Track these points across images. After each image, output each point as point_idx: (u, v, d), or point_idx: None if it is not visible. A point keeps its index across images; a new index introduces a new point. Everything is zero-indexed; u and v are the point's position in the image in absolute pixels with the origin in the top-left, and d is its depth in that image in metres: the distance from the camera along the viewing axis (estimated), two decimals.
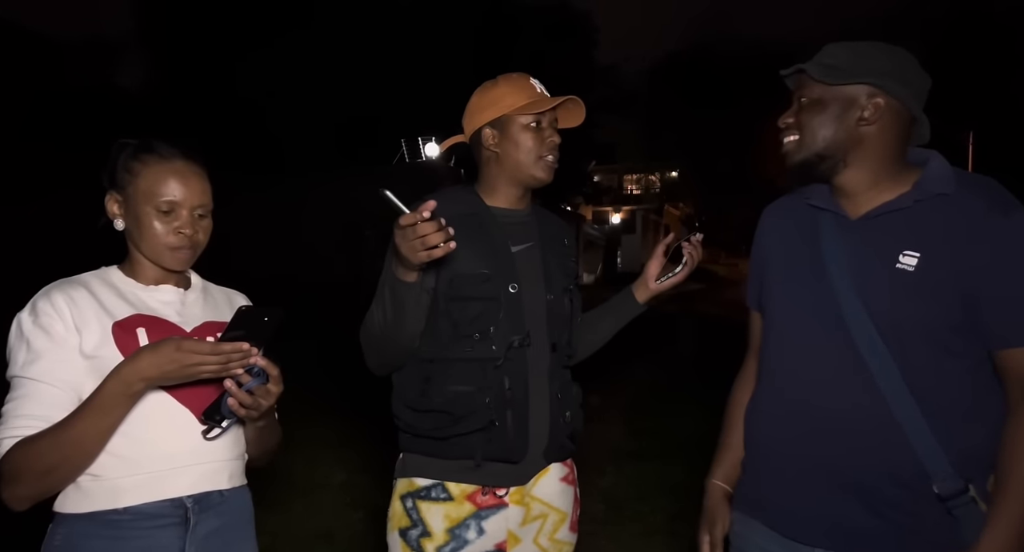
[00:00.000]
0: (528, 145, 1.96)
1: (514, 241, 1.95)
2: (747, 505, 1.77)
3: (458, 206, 1.92)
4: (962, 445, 1.52)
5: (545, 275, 1.98)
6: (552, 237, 2.06)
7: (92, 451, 1.47)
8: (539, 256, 1.99)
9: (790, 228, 1.77)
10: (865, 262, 1.59)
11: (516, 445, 1.87)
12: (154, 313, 1.61)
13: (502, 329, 1.87)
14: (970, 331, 1.52)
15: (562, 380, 1.98)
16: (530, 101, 1.96)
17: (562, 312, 1.99)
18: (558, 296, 1.98)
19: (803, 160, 1.63)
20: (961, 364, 1.54)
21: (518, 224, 2.00)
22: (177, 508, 1.55)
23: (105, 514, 1.50)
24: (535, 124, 1.96)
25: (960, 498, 1.51)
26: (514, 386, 1.87)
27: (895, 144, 1.61)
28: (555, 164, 1.99)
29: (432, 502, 1.89)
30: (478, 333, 1.86)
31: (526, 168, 1.96)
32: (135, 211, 1.60)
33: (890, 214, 1.58)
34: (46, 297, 1.54)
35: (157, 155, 1.60)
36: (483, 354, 1.86)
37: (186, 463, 1.56)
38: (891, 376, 1.53)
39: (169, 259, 1.62)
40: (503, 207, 2.00)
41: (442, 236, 1.55)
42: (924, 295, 1.52)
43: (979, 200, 1.52)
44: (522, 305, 1.90)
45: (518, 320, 1.89)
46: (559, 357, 1.97)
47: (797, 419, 1.64)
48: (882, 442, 1.54)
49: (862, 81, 1.57)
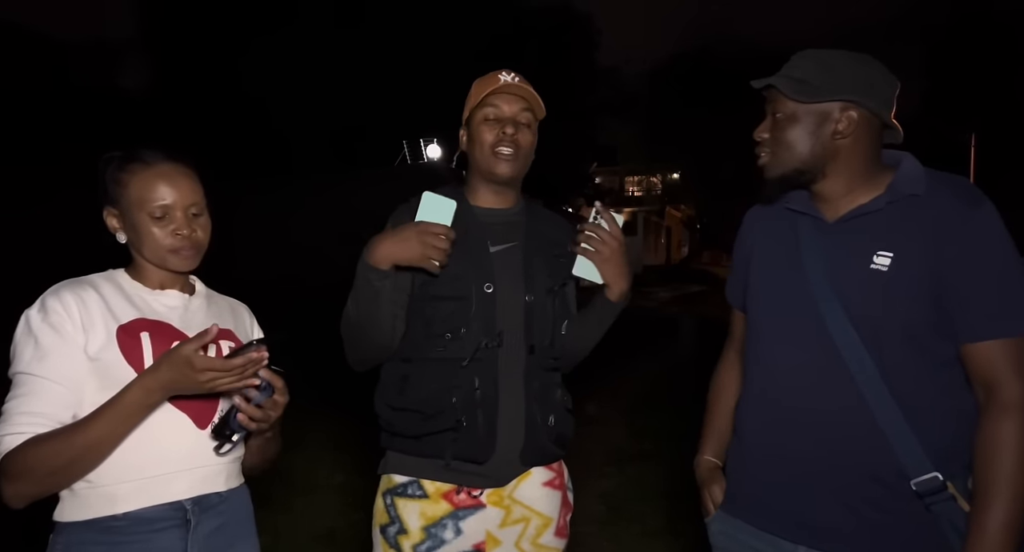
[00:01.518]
0: (481, 138, 1.94)
1: (494, 241, 1.93)
2: (731, 503, 1.81)
3: None
4: (940, 443, 1.55)
5: (526, 275, 1.94)
6: (542, 237, 2.01)
7: (104, 455, 1.48)
8: (520, 256, 1.96)
9: (771, 230, 1.82)
10: (842, 264, 1.63)
11: (483, 445, 1.87)
12: (158, 317, 1.62)
13: (473, 330, 1.86)
14: (944, 328, 1.55)
15: (542, 382, 1.95)
16: (484, 94, 1.93)
17: (544, 313, 1.95)
18: (540, 297, 1.94)
19: (780, 175, 1.68)
20: (938, 362, 1.58)
21: (501, 224, 1.98)
22: (176, 511, 1.55)
23: (103, 521, 1.50)
24: (492, 118, 1.93)
25: (938, 495, 1.54)
26: (483, 387, 1.86)
27: (869, 152, 1.65)
28: (511, 157, 1.92)
29: (408, 499, 1.91)
30: (449, 333, 1.86)
31: (483, 163, 1.94)
32: (132, 221, 1.62)
33: (865, 216, 1.63)
34: (56, 295, 1.54)
35: (142, 163, 1.62)
36: (454, 354, 1.86)
37: (183, 467, 1.57)
38: (869, 375, 1.57)
39: (173, 261, 1.63)
40: (486, 207, 1.99)
41: (446, 255, 1.74)
42: (898, 294, 1.56)
43: (948, 199, 1.56)
44: (495, 305, 1.88)
45: (490, 321, 1.87)
46: (539, 359, 1.93)
47: (778, 419, 1.68)
48: (861, 440, 1.58)
49: (834, 99, 1.60)
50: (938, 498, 1.54)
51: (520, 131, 1.93)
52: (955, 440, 1.56)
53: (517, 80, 1.95)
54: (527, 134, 1.95)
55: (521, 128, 1.94)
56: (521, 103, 1.94)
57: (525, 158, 1.97)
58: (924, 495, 1.54)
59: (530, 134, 1.96)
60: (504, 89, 1.92)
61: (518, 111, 1.93)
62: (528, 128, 1.96)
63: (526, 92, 1.93)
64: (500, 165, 1.92)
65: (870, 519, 1.58)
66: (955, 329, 1.55)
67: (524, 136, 1.94)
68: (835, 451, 1.60)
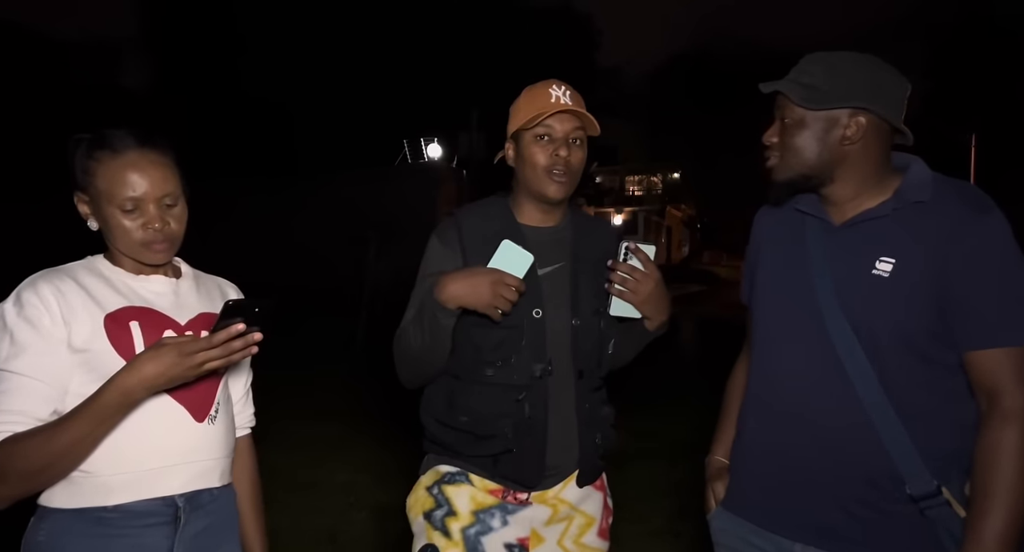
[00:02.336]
0: (534, 159, 1.87)
1: (542, 262, 1.87)
2: (732, 500, 1.83)
3: (490, 223, 1.91)
4: (936, 448, 1.55)
5: (573, 298, 1.90)
6: (588, 254, 1.95)
7: (83, 456, 1.42)
8: (568, 277, 1.91)
9: (779, 231, 1.82)
10: (845, 267, 1.63)
11: (532, 472, 1.86)
12: (147, 304, 1.56)
13: (524, 357, 1.84)
14: (944, 336, 1.55)
15: (591, 403, 1.94)
16: (536, 113, 1.86)
17: (590, 337, 1.91)
18: (587, 320, 1.90)
19: (788, 180, 1.68)
20: (937, 369, 1.57)
21: (548, 242, 1.93)
22: (168, 506, 1.52)
23: (94, 511, 1.46)
24: (543, 137, 1.87)
25: (933, 499, 1.54)
26: (534, 415, 1.85)
27: (878, 157, 1.64)
28: (564, 179, 1.87)
29: (458, 486, 1.90)
30: (500, 360, 1.83)
31: (534, 184, 1.88)
32: (101, 212, 1.53)
33: (870, 221, 1.62)
34: (32, 288, 1.47)
35: (110, 150, 1.51)
36: (505, 380, 1.84)
37: (180, 461, 1.53)
38: (867, 379, 1.57)
39: (145, 255, 1.55)
40: (532, 225, 1.94)
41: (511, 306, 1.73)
42: (899, 300, 1.55)
43: (953, 206, 1.55)
44: (545, 331, 1.85)
45: (540, 348, 1.85)
46: (587, 383, 1.92)
47: (779, 419, 1.69)
48: (857, 443, 1.59)
49: (843, 106, 1.59)
50: (933, 503, 1.54)
51: (573, 152, 1.88)
52: (954, 446, 1.56)
53: (570, 96, 1.88)
54: (579, 153, 1.90)
55: (574, 149, 1.89)
56: (575, 122, 1.88)
57: (576, 177, 1.91)
58: (919, 499, 1.54)
59: (582, 153, 1.91)
60: (558, 108, 1.85)
61: (571, 130, 1.87)
62: (580, 147, 1.90)
63: (580, 111, 1.87)
64: (553, 187, 1.86)
65: (866, 520, 1.59)
66: (957, 337, 1.54)
67: (576, 156, 1.89)
68: (832, 453, 1.60)
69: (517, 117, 1.90)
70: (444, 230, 1.93)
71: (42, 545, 1.46)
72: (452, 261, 1.88)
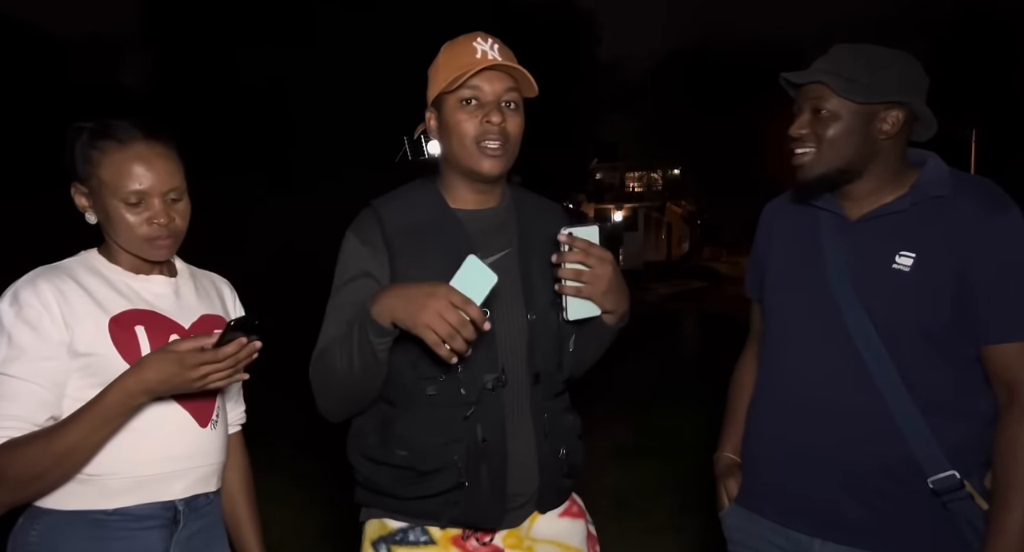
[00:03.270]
0: (460, 129, 1.55)
1: (484, 251, 1.54)
2: (746, 497, 1.81)
3: (417, 211, 1.62)
4: (957, 441, 1.55)
5: (526, 289, 1.60)
6: (538, 236, 1.65)
7: (83, 461, 1.39)
8: (517, 265, 1.61)
9: (791, 226, 1.80)
10: (863, 262, 1.62)
11: (490, 508, 1.56)
12: (150, 307, 1.52)
13: (471, 367, 1.52)
14: (964, 329, 1.55)
15: (551, 413, 1.63)
16: (459, 72, 1.53)
17: (548, 333, 1.62)
18: (542, 314, 1.61)
19: (821, 175, 1.63)
20: (956, 362, 1.57)
21: (490, 228, 1.63)
22: (167, 510, 1.50)
23: (92, 513, 1.43)
24: (469, 102, 1.55)
25: (956, 493, 1.53)
26: (489, 436, 1.54)
27: (902, 152, 1.64)
28: (499, 151, 1.55)
29: (411, 547, 1.59)
30: (442, 374, 1.52)
31: (463, 159, 1.57)
32: (103, 204, 1.47)
33: (888, 216, 1.61)
34: (31, 288, 1.41)
35: (115, 141, 1.45)
36: (449, 398, 1.54)
37: (184, 467, 1.51)
38: (887, 373, 1.56)
39: (149, 251, 1.50)
40: (468, 208, 1.63)
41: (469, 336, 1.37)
42: (919, 295, 1.55)
43: (973, 201, 1.55)
44: (495, 334, 1.53)
45: (491, 353, 1.55)
46: (545, 387, 1.62)
47: (795, 414, 1.68)
48: (878, 437, 1.58)
49: (886, 100, 1.57)
50: (955, 496, 1.53)
51: (508, 117, 1.56)
52: (973, 438, 1.56)
53: (498, 50, 1.56)
54: (516, 119, 1.58)
55: (509, 114, 1.57)
56: (507, 81, 1.56)
57: (514, 148, 1.60)
58: (941, 493, 1.54)
59: (519, 118, 1.59)
60: (485, 64, 1.53)
61: (503, 91, 1.55)
62: (516, 111, 1.59)
63: (512, 67, 1.55)
64: (486, 162, 1.56)
65: (887, 514, 1.58)
66: (976, 331, 1.54)
67: (513, 122, 1.57)
68: (852, 447, 1.60)
69: (437, 79, 1.59)
70: (361, 224, 1.62)
71: (33, 546, 1.43)
72: (375, 260, 1.57)
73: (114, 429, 1.39)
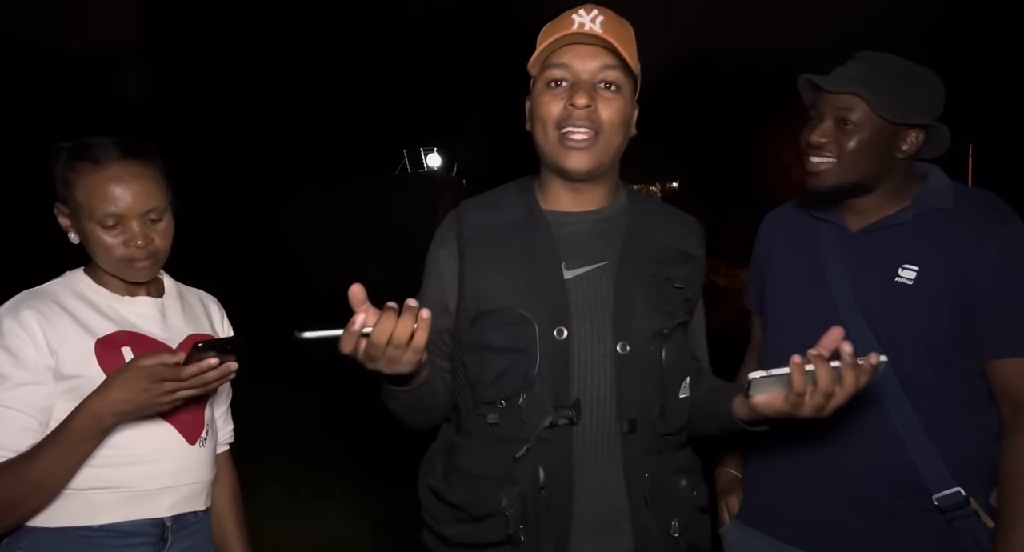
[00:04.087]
0: (542, 112, 1.35)
1: (571, 261, 1.36)
2: (747, 513, 1.79)
3: (501, 212, 1.43)
4: (962, 457, 1.53)
5: (618, 314, 1.34)
6: (648, 249, 1.41)
7: (57, 487, 1.36)
8: (612, 282, 1.36)
9: (790, 237, 1.79)
10: (865, 274, 1.60)
11: None
12: (137, 329, 1.50)
13: (535, 396, 1.31)
14: (967, 344, 1.53)
15: (655, 472, 1.35)
16: (547, 43, 1.34)
17: (647, 371, 1.35)
18: (641, 346, 1.34)
19: (836, 186, 1.60)
20: (961, 377, 1.55)
21: (584, 234, 1.40)
22: (155, 527, 1.48)
23: (78, 530, 1.41)
24: (558, 83, 1.34)
25: (961, 510, 1.52)
26: (552, 482, 1.30)
27: (911, 168, 1.63)
28: (585, 142, 1.33)
29: None
30: (503, 400, 1.32)
31: (547, 150, 1.37)
32: (81, 226, 1.45)
33: (891, 228, 1.60)
34: (13, 315, 1.39)
35: (91, 161, 1.42)
36: (510, 430, 1.32)
37: (171, 484, 1.50)
38: (891, 388, 1.55)
39: (128, 272, 1.48)
40: (561, 210, 1.42)
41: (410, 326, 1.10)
42: (922, 308, 1.53)
43: (977, 215, 1.54)
44: (571, 360, 1.32)
45: (561, 383, 1.31)
46: (644, 439, 1.35)
47: (799, 432, 1.63)
48: (882, 453, 1.56)
49: (916, 122, 1.56)
50: (960, 513, 1.52)
51: (601, 100, 1.33)
52: (978, 455, 1.54)
53: (601, 22, 1.32)
54: (614, 103, 1.34)
55: (604, 96, 1.33)
56: (606, 57, 1.32)
57: (611, 140, 1.35)
58: (946, 510, 1.52)
59: (618, 102, 1.34)
60: (576, 38, 1.31)
61: (598, 69, 1.32)
62: (616, 94, 1.34)
63: (610, 40, 1.30)
64: (570, 156, 1.33)
65: (891, 531, 1.57)
66: (980, 345, 1.53)
67: (608, 107, 1.33)
68: (856, 463, 1.58)
69: (533, 60, 1.39)
70: (443, 225, 1.49)
71: None
72: (446, 263, 1.43)
73: (86, 453, 1.37)
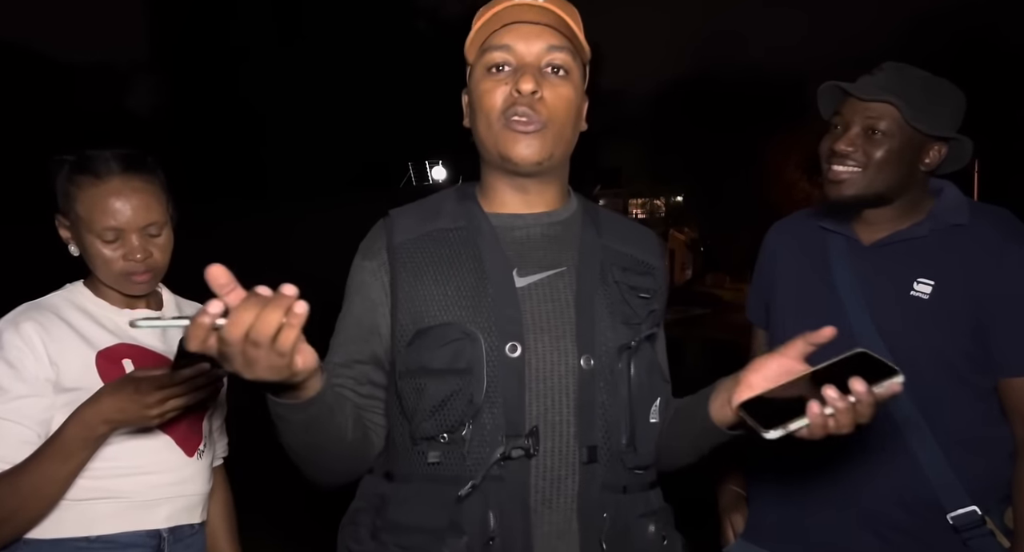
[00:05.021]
0: (483, 101, 1.18)
1: (523, 268, 1.18)
2: (754, 531, 1.76)
3: (438, 219, 1.25)
4: (977, 475, 1.51)
5: (580, 325, 1.16)
6: (609, 255, 1.24)
7: (52, 498, 1.35)
8: (573, 291, 1.19)
9: (798, 249, 1.75)
10: (879, 289, 1.58)
11: None
12: (137, 342, 1.50)
13: (484, 425, 1.11)
14: (982, 360, 1.51)
15: (616, 512, 1.15)
16: (483, 29, 1.18)
17: (613, 390, 1.16)
18: (605, 361, 1.16)
19: (859, 195, 1.56)
20: (976, 394, 1.53)
21: (535, 238, 1.22)
22: (152, 538, 1.46)
23: (74, 541, 1.40)
24: (499, 67, 1.17)
25: (976, 530, 1.49)
26: (504, 530, 1.09)
27: (928, 181, 1.61)
28: (532, 127, 1.15)
29: None
30: (445, 433, 1.11)
31: (489, 142, 1.19)
32: (81, 239, 1.46)
33: (905, 242, 1.58)
34: (14, 328, 1.40)
35: (91, 175, 1.43)
36: (453, 469, 1.11)
37: (169, 495, 1.49)
38: (905, 404, 1.52)
39: (126, 286, 1.48)
40: (507, 212, 1.24)
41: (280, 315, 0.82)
42: (938, 323, 1.51)
43: (994, 230, 1.52)
44: (526, 380, 1.12)
45: (516, 409, 1.11)
46: (608, 472, 1.15)
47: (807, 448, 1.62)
48: (895, 470, 1.53)
49: (944, 135, 1.54)
50: (975, 533, 1.49)
51: (548, 85, 1.16)
52: (994, 473, 1.52)
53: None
54: (562, 88, 1.17)
55: (551, 81, 1.17)
56: (550, 36, 1.16)
57: (562, 129, 1.18)
58: (961, 529, 1.49)
59: (567, 88, 1.18)
60: (516, 14, 1.15)
61: (544, 51, 1.16)
62: (565, 79, 1.18)
63: (553, 15, 1.14)
64: (518, 144, 1.15)
65: (902, 547, 1.54)
66: (994, 362, 1.51)
67: (556, 92, 1.17)
68: (869, 480, 1.55)
69: (469, 45, 1.22)
70: (369, 235, 1.30)
71: None
72: (374, 277, 1.23)
73: (81, 462, 1.36)
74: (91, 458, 1.38)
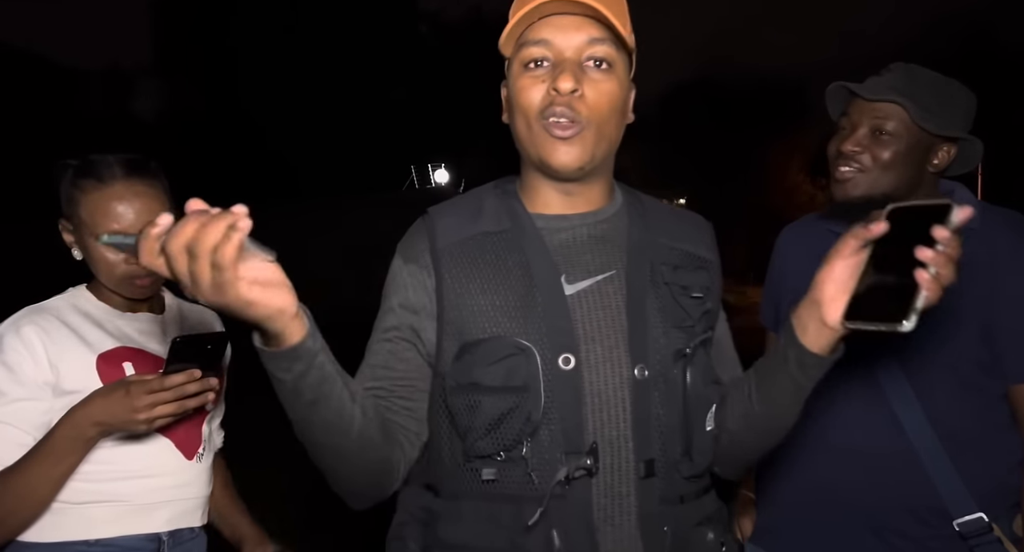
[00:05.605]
0: (520, 100, 1.11)
1: (572, 274, 1.12)
2: (763, 536, 1.75)
3: (481, 221, 1.17)
4: (986, 482, 1.49)
5: (633, 333, 1.11)
6: (661, 254, 1.17)
7: (44, 500, 1.35)
8: (623, 296, 1.13)
9: (808, 252, 1.72)
10: None
11: None
12: (138, 345, 1.50)
13: (543, 442, 1.06)
14: (991, 366, 1.50)
15: (676, 525, 1.11)
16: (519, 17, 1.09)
17: (670, 399, 1.11)
18: (661, 370, 1.11)
19: (866, 195, 1.54)
20: (983, 400, 1.52)
21: (582, 241, 1.16)
22: (151, 542, 1.47)
23: (74, 545, 1.40)
24: (538, 62, 1.10)
25: (983, 537, 1.48)
26: (570, 549, 1.05)
27: (938, 183, 1.59)
28: (571, 130, 1.08)
29: None
30: (501, 451, 1.07)
31: (528, 145, 1.13)
32: (83, 242, 1.46)
33: None
34: (14, 331, 1.40)
35: (95, 180, 1.43)
36: (512, 487, 1.07)
37: (168, 498, 1.49)
38: (913, 411, 1.51)
39: (128, 289, 1.49)
40: (551, 213, 1.17)
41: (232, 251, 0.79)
42: (948, 328, 1.49)
43: (1003, 234, 1.50)
44: (583, 394, 1.07)
45: (574, 425, 1.06)
46: (665, 485, 1.11)
47: (816, 452, 1.61)
48: (903, 477, 1.52)
49: (952, 134, 1.52)
50: (983, 540, 1.47)
51: (591, 82, 1.09)
52: (1002, 480, 1.51)
53: None
54: (605, 84, 1.09)
55: (592, 77, 1.09)
56: (591, 28, 1.08)
57: (602, 129, 1.11)
58: (968, 536, 1.48)
59: (610, 83, 1.10)
60: (554, 6, 1.07)
61: (585, 44, 1.08)
62: (608, 73, 1.10)
63: (597, 6, 1.05)
64: (558, 151, 1.09)
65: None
66: (1004, 368, 1.49)
67: (597, 89, 1.09)
68: (877, 487, 1.54)
69: (505, 39, 1.14)
70: (408, 238, 1.22)
71: None
72: (417, 280, 1.16)
73: (72, 464, 1.36)
74: (84, 460, 1.37)
